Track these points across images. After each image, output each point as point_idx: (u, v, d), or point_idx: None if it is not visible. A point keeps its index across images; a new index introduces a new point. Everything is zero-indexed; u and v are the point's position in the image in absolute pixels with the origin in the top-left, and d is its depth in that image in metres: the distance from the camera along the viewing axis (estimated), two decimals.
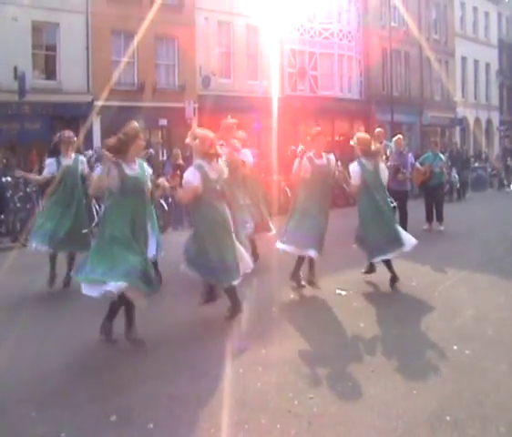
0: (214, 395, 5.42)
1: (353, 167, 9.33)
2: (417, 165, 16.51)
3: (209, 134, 7.68)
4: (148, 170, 7.12)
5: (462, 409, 4.97)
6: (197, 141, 7.53)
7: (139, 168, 6.85)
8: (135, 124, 6.84)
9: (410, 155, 16.10)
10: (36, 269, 10.77)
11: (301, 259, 9.21)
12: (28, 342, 7.23)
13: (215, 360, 6.28)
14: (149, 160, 12.01)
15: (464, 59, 45.75)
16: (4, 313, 8.54)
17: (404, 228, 14.12)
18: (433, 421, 4.74)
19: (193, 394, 5.43)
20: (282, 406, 5.12)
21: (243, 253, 7.89)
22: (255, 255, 10.41)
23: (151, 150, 18.39)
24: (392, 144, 15.15)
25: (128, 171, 6.67)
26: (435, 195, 15.85)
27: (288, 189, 21.34)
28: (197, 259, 7.49)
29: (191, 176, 7.38)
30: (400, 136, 15.44)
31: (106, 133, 25.05)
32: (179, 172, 7.75)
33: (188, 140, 7.70)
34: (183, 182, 7.41)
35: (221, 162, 7.73)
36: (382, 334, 7.12)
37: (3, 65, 22.68)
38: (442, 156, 16.70)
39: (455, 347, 6.49)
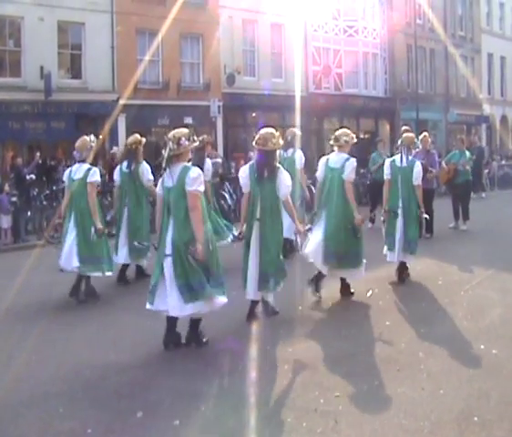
0: (240, 392, 5.43)
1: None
2: (443, 164, 16.37)
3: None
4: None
5: (490, 409, 4.92)
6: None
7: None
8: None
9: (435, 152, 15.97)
10: None
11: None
12: (54, 340, 7.30)
13: (241, 358, 6.29)
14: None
15: (490, 56, 45.13)
16: (30, 312, 8.64)
17: (430, 227, 14.13)
18: (460, 422, 4.70)
19: (219, 391, 5.46)
20: (308, 404, 5.11)
21: None
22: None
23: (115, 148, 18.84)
24: (417, 142, 14.96)
25: None
26: (460, 193, 15.65)
27: (313, 187, 21.35)
28: None
29: None
30: (426, 133, 15.27)
31: (130, 131, 25.30)
32: None
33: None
34: None
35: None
36: (408, 333, 7.06)
37: (29, 64, 22.90)
38: (468, 153, 16.46)
39: (482, 346, 6.43)
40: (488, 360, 6.04)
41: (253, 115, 29.37)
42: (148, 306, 6.59)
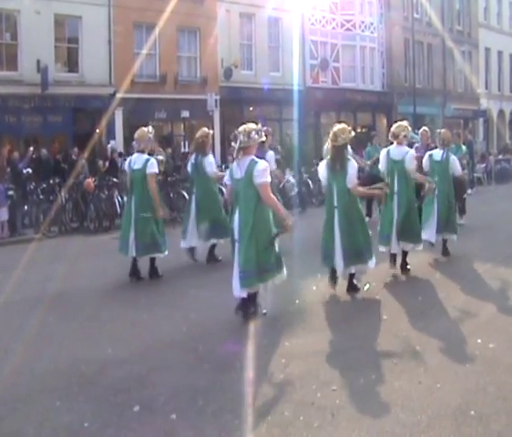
0: (237, 387, 5.42)
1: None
2: None
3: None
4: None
5: (486, 403, 4.91)
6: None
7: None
8: None
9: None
10: (58, 261, 10.86)
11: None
12: (51, 334, 7.29)
13: (238, 352, 6.29)
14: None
15: (487, 50, 45.18)
16: (26, 306, 8.61)
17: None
18: (457, 416, 4.70)
19: (216, 386, 5.44)
20: (305, 398, 5.11)
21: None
22: None
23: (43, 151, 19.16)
24: (417, 136, 14.95)
25: None
26: (456, 187, 15.55)
27: (310, 181, 21.42)
28: None
29: None
30: (425, 128, 15.22)
31: (127, 125, 25.26)
32: None
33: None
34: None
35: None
36: (405, 327, 7.06)
37: (26, 58, 22.84)
38: (464, 147, 16.41)
39: (479, 340, 6.43)
40: (485, 355, 6.04)
41: (251, 109, 29.34)
42: None
